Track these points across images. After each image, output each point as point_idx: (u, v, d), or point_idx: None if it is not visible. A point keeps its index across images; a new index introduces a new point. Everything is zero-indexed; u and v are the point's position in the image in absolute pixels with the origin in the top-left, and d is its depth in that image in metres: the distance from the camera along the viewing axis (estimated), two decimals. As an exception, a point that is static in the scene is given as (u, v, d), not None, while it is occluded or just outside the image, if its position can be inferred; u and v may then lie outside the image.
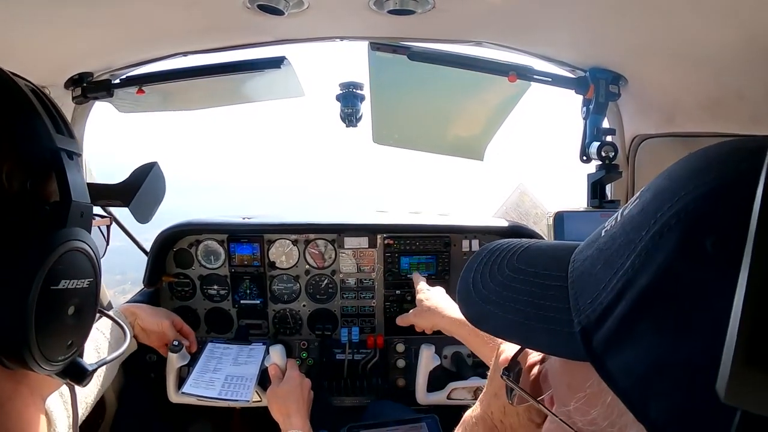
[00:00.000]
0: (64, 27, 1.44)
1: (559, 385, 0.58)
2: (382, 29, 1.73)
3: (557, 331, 0.53)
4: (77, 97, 1.91)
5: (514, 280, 0.64)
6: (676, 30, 1.36)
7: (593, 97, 1.89)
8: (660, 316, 0.43)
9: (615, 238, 0.52)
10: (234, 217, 2.67)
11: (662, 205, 0.46)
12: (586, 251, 0.58)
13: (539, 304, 0.57)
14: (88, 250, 0.74)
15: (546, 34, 1.69)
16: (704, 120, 1.72)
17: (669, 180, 0.50)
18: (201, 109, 2.62)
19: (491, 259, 0.70)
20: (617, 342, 0.46)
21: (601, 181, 1.97)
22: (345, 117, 2.27)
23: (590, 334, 0.49)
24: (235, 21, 1.59)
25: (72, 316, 0.71)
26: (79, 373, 0.77)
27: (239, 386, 2.11)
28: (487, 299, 0.64)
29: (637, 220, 0.49)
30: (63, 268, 0.68)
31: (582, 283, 0.54)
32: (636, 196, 0.54)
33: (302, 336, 2.63)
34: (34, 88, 0.73)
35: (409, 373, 2.48)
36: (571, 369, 0.54)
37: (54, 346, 0.70)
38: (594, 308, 0.49)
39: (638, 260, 0.46)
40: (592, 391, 0.50)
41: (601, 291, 0.49)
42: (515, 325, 0.59)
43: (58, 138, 0.71)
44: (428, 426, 1.96)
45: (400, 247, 2.56)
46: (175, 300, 2.61)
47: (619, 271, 0.47)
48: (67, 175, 0.71)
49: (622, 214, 0.54)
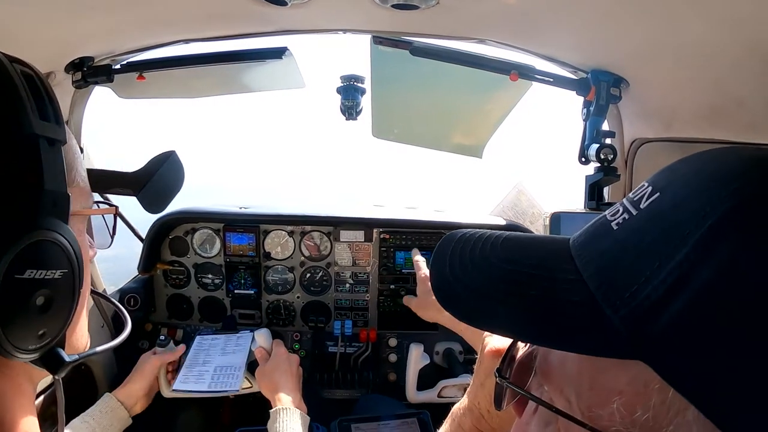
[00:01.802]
0: (65, 10, 1.43)
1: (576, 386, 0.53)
2: (385, 23, 1.72)
3: (587, 328, 0.49)
4: (77, 81, 1.90)
5: (510, 272, 0.59)
6: (679, 35, 1.36)
7: (594, 99, 1.89)
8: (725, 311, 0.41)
9: (643, 231, 0.50)
10: (230, 206, 2.67)
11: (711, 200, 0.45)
12: (595, 244, 0.55)
13: (555, 299, 0.53)
14: (60, 241, 0.72)
15: (549, 34, 1.69)
16: (703, 126, 1.72)
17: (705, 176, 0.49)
18: (201, 98, 2.61)
19: (466, 248, 0.65)
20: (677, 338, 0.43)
21: (599, 183, 1.97)
22: (345, 110, 2.26)
23: (640, 329, 0.45)
24: (238, 10, 1.58)
25: (41, 306, 0.70)
26: (55, 362, 0.76)
27: (228, 376, 2.12)
28: (479, 293, 0.59)
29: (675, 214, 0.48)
30: (30, 257, 0.67)
31: (608, 277, 0.51)
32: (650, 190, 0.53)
33: (295, 327, 2.63)
34: (28, 72, 0.72)
35: (400, 367, 2.48)
36: (598, 369, 0.50)
37: (22, 334, 0.69)
38: (639, 302, 0.46)
39: (693, 254, 0.44)
40: (636, 391, 0.47)
41: (642, 284, 0.46)
42: (528, 322, 0.55)
43: (40, 124, 0.70)
44: (419, 422, 1.97)
45: (396, 241, 2.56)
46: (169, 287, 2.61)
47: (667, 264, 0.45)
48: (42, 163, 0.69)
49: (638, 208, 0.52)
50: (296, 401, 1.85)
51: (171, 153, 1.29)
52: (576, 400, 0.52)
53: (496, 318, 0.58)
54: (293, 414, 1.78)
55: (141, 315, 2.52)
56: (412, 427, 1.96)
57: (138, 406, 1.99)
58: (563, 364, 0.55)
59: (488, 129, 2.47)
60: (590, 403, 0.51)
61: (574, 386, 0.53)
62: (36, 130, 0.69)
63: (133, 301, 2.47)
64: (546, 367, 0.58)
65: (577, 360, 0.53)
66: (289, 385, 1.92)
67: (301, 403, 1.87)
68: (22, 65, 0.72)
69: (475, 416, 1.09)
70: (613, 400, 0.48)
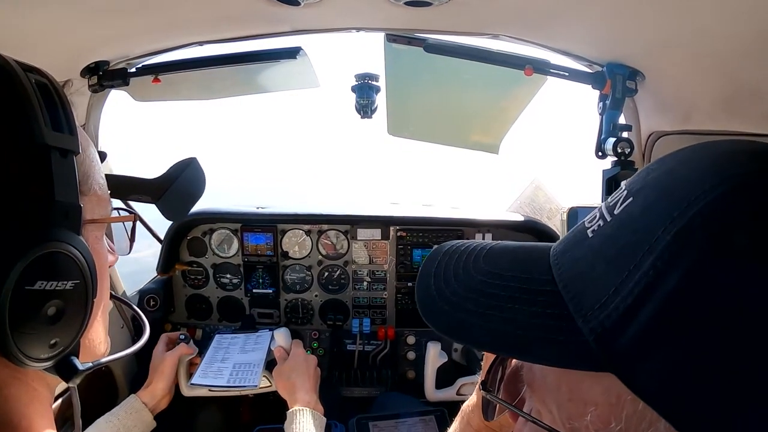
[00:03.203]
0: (80, 15, 1.45)
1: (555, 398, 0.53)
2: (398, 20, 1.72)
3: (560, 340, 0.49)
4: (93, 85, 1.91)
5: (489, 285, 0.59)
6: (694, 26, 1.35)
7: (610, 92, 1.87)
8: (693, 318, 0.40)
9: (614, 238, 0.49)
10: (248, 206, 2.69)
11: (678, 204, 0.44)
12: (571, 252, 0.55)
13: (531, 311, 0.53)
14: (72, 252, 0.72)
15: (564, 28, 1.68)
16: (720, 118, 1.70)
17: (676, 178, 0.48)
18: (216, 99, 2.63)
19: (450, 261, 0.65)
20: (645, 348, 0.43)
21: (616, 177, 1.95)
22: (360, 108, 2.26)
23: (608, 341, 0.45)
24: (252, 11, 1.59)
25: (53, 316, 0.71)
26: (68, 371, 0.77)
27: (247, 373, 2.13)
28: (459, 307, 0.58)
29: (644, 219, 0.47)
30: (40, 269, 0.67)
31: (580, 287, 0.50)
32: (625, 193, 0.52)
33: (313, 326, 2.65)
34: (43, 81, 0.72)
35: (419, 365, 2.48)
36: (574, 381, 0.50)
37: (33, 344, 0.69)
38: (608, 313, 0.46)
39: (660, 263, 0.43)
40: (608, 402, 0.46)
41: (612, 295, 0.46)
42: (505, 336, 0.54)
43: (52, 135, 0.69)
44: (437, 419, 1.97)
45: (413, 239, 2.56)
46: (188, 288, 2.64)
47: (635, 273, 0.44)
48: (53, 174, 0.69)
49: (611, 213, 0.51)
50: (313, 402, 1.85)
51: (192, 160, 1.29)
52: (557, 412, 0.53)
53: (474, 331, 0.57)
54: (310, 415, 1.78)
55: (160, 315, 2.55)
56: (430, 425, 1.96)
57: (162, 403, 2.01)
58: (545, 377, 0.55)
59: (504, 125, 2.46)
60: (569, 414, 0.51)
61: (555, 398, 0.53)
62: (48, 141, 0.69)
63: (153, 302, 2.50)
64: (531, 379, 0.58)
65: (557, 372, 0.53)
66: (306, 386, 1.92)
67: (317, 404, 1.87)
68: (37, 74, 0.72)
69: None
70: (588, 411, 0.48)
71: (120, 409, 1.87)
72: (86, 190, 0.79)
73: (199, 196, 1.33)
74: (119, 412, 1.86)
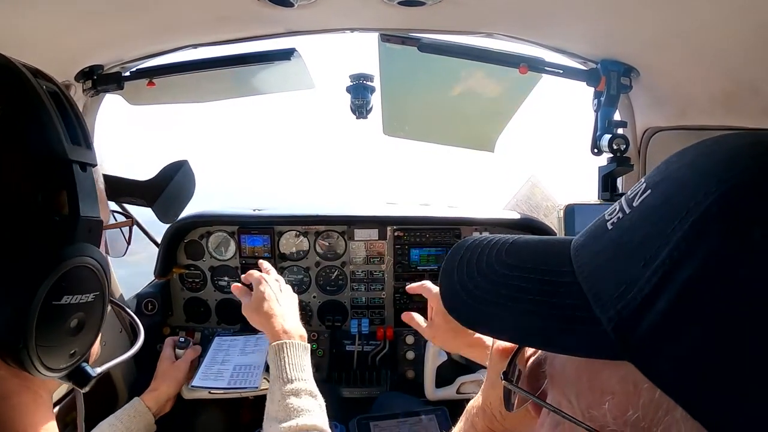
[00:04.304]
0: (74, 19, 1.45)
1: (576, 387, 0.53)
2: (392, 20, 1.72)
3: (580, 329, 0.49)
4: (88, 89, 1.91)
5: (511, 277, 0.59)
6: (689, 22, 1.35)
7: (605, 89, 1.87)
8: (707, 306, 0.41)
9: (633, 230, 0.50)
10: (244, 208, 2.68)
11: (695, 195, 0.44)
12: (591, 245, 0.55)
13: (551, 302, 0.53)
14: (94, 265, 0.73)
15: (557, 25, 1.68)
16: (717, 113, 1.70)
17: (694, 170, 0.48)
18: (211, 102, 2.63)
19: (473, 256, 0.65)
20: (660, 337, 0.43)
21: (612, 173, 1.96)
22: (355, 109, 2.26)
23: (626, 330, 0.45)
24: (245, 12, 1.59)
25: (74, 328, 0.71)
26: (83, 378, 0.77)
27: (248, 374, 2.13)
28: (482, 300, 0.60)
29: (662, 210, 0.47)
30: (66, 284, 0.68)
31: (599, 278, 0.51)
32: (644, 186, 0.52)
33: (312, 327, 2.64)
34: (56, 90, 0.71)
35: (418, 364, 2.48)
36: (593, 370, 0.51)
37: (55, 356, 0.70)
38: (625, 303, 0.46)
39: (677, 252, 0.43)
40: (626, 391, 0.46)
41: (630, 285, 0.46)
42: (527, 326, 0.55)
43: (73, 149, 0.69)
44: (437, 418, 1.97)
45: (410, 239, 2.56)
46: (186, 291, 2.63)
47: (651, 263, 0.45)
48: (77, 191, 0.69)
49: (631, 206, 0.52)
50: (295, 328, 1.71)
51: (183, 162, 1.29)
52: (576, 401, 0.53)
53: (497, 323, 0.58)
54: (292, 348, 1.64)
55: (159, 319, 2.54)
56: (430, 423, 1.96)
57: (165, 407, 2.01)
58: (565, 367, 0.55)
59: (499, 123, 2.46)
60: (588, 403, 0.51)
61: (574, 387, 0.53)
62: (70, 156, 0.68)
63: (151, 306, 2.49)
64: (552, 369, 0.58)
65: (576, 362, 0.53)
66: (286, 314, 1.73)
67: (301, 330, 1.71)
68: (45, 79, 0.71)
69: (488, 417, 1.08)
70: (606, 400, 0.48)
71: (123, 412, 1.86)
72: None
73: (190, 198, 1.33)
74: (122, 415, 1.85)
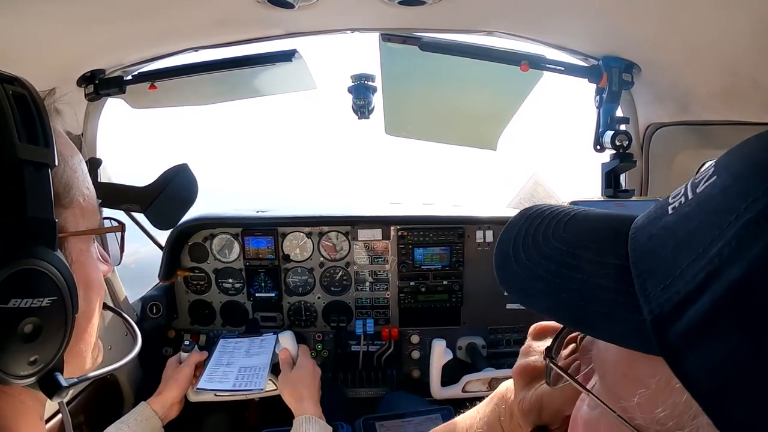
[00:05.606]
0: (75, 24, 1.45)
1: (612, 374, 0.52)
2: (392, 20, 1.72)
3: (620, 317, 0.48)
4: (90, 94, 1.91)
5: (563, 253, 0.58)
6: (690, 18, 1.35)
7: (606, 85, 1.87)
8: (752, 313, 0.38)
9: (689, 218, 0.47)
10: (248, 210, 2.69)
11: (752, 191, 0.41)
12: (649, 228, 0.52)
13: (597, 284, 0.52)
14: (46, 267, 0.71)
15: (559, 23, 1.68)
16: (718, 108, 1.70)
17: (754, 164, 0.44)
18: (213, 104, 2.63)
19: (532, 226, 0.64)
20: (698, 338, 0.40)
21: (615, 170, 1.95)
22: (357, 109, 2.26)
23: (665, 325, 0.43)
24: (246, 15, 1.59)
25: (30, 334, 0.70)
26: (52, 387, 0.76)
27: (253, 376, 2.13)
28: (531, 272, 0.58)
29: (718, 201, 0.44)
30: (12, 287, 0.67)
31: (649, 266, 0.48)
32: (710, 172, 0.48)
33: (317, 328, 2.64)
34: (20, 93, 0.70)
35: (423, 364, 2.48)
36: (630, 360, 0.49)
37: (12, 362, 0.69)
38: (668, 297, 0.44)
39: (727, 249, 0.40)
40: (658, 387, 0.45)
41: (677, 278, 0.44)
42: (567, 305, 0.54)
43: (26, 148, 0.68)
44: (443, 418, 1.97)
45: (414, 238, 2.56)
46: (191, 294, 2.63)
47: (702, 257, 0.42)
48: (24, 189, 0.67)
49: (694, 191, 0.48)
50: (319, 414, 1.87)
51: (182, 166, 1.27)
52: (611, 388, 0.52)
53: (540, 298, 0.57)
54: (318, 424, 1.81)
55: (164, 322, 2.54)
56: (435, 422, 1.95)
57: (172, 412, 2.01)
58: (607, 351, 0.53)
59: (501, 121, 2.46)
60: (620, 392, 0.50)
61: (612, 374, 0.52)
62: (20, 154, 0.67)
63: (155, 309, 2.50)
64: (596, 354, 0.57)
65: (616, 348, 0.51)
66: (314, 398, 1.94)
67: (321, 415, 1.89)
68: (17, 85, 0.71)
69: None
70: (637, 392, 0.47)
71: (130, 416, 1.87)
72: (68, 202, 0.78)
73: (191, 203, 1.31)
74: (129, 420, 1.85)
